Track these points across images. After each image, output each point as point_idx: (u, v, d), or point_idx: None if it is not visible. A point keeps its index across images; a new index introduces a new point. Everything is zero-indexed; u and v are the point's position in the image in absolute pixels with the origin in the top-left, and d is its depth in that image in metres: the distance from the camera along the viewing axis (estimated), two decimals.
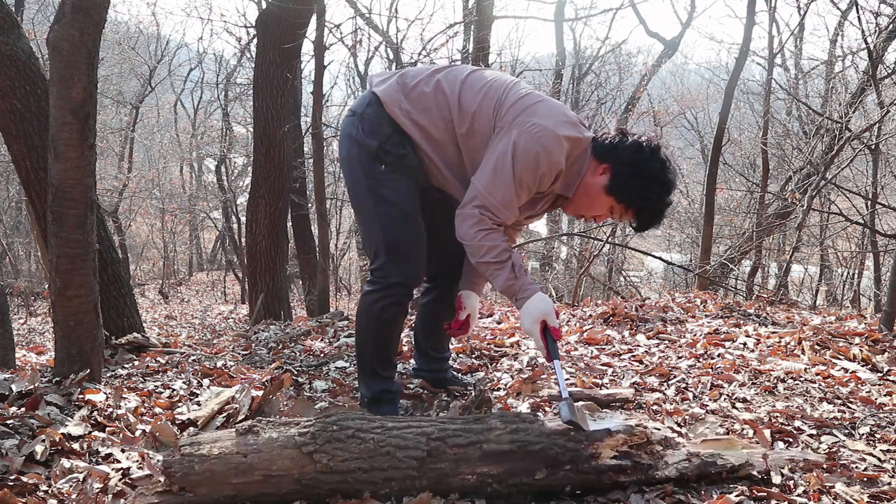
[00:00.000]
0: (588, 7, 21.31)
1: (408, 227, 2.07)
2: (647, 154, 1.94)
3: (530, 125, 1.88)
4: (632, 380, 2.57)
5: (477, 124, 1.97)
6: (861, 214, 7.61)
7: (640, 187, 1.94)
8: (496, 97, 1.97)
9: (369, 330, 2.15)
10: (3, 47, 3.47)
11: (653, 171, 1.94)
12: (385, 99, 2.03)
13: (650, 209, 1.99)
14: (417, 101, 2.01)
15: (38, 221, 3.87)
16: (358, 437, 1.57)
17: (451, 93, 2.00)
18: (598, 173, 1.97)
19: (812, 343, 2.93)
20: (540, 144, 1.87)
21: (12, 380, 2.29)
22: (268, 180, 6.57)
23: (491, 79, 2.02)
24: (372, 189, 2.06)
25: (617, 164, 1.95)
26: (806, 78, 12.08)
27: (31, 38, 7.65)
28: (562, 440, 1.63)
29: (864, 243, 8.35)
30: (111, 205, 14.72)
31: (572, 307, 4.36)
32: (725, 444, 1.78)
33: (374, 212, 2.07)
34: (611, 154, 1.96)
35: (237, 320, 10.06)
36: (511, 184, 1.90)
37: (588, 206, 2.03)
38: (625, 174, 1.94)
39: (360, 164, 2.07)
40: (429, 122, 2.01)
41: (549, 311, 1.91)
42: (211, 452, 1.53)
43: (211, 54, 18.03)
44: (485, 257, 1.95)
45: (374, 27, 9.26)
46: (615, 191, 1.96)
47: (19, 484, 1.60)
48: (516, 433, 1.62)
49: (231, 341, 4.30)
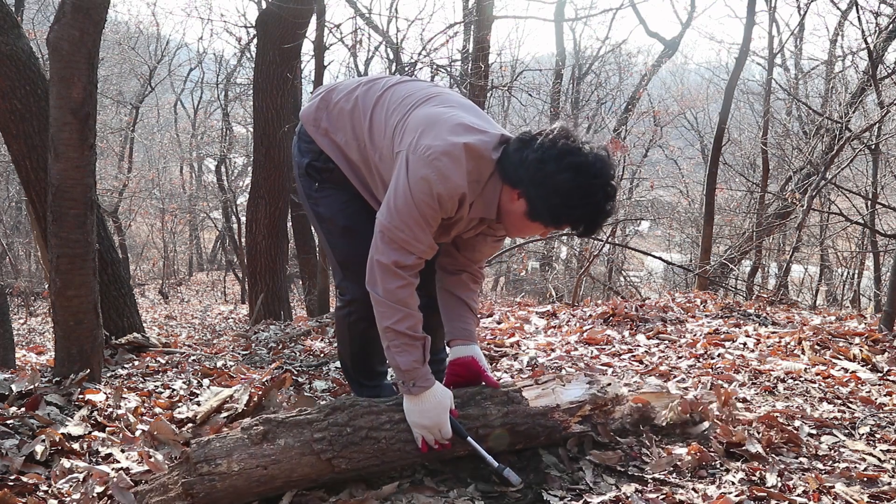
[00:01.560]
0: (588, 7, 21.33)
1: (351, 241, 1.94)
2: (552, 167, 1.64)
3: (422, 148, 1.66)
4: (632, 380, 2.57)
5: (384, 150, 1.80)
6: (861, 214, 7.61)
7: (559, 207, 1.68)
8: (400, 117, 1.78)
9: (344, 343, 2.12)
10: (3, 47, 3.47)
11: (565, 183, 1.64)
12: (303, 118, 1.96)
13: (581, 219, 1.71)
14: (337, 118, 1.90)
15: (38, 221, 3.87)
16: (371, 437, 1.66)
17: (364, 112, 1.85)
18: (514, 199, 1.73)
19: (812, 343, 2.93)
20: (432, 167, 1.64)
21: (12, 380, 2.29)
22: (268, 180, 6.58)
23: (405, 95, 1.84)
24: (312, 208, 2.00)
25: (527, 189, 1.69)
26: (806, 78, 12.08)
27: (31, 38, 7.65)
28: (542, 420, 1.84)
29: (864, 243, 8.35)
30: (111, 205, 14.72)
31: (572, 307, 4.36)
32: (657, 396, 2.04)
33: (320, 230, 2.02)
34: (516, 177, 1.70)
35: (237, 320, 10.06)
36: (415, 215, 1.67)
37: (519, 229, 1.83)
38: (539, 198, 1.68)
39: (300, 183, 2.02)
40: (344, 141, 1.89)
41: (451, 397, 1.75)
42: (231, 469, 1.53)
43: (211, 54, 18.05)
44: (400, 325, 1.70)
45: (374, 27, 9.26)
46: (537, 217, 1.73)
47: (19, 484, 1.60)
48: (506, 416, 1.81)
49: (231, 341, 4.30)
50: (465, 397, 1.83)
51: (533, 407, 1.85)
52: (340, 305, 2.06)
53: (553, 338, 3.36)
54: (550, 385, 1.95)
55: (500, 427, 1.79)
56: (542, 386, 1.94)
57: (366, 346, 2.08)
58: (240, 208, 14.41)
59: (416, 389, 1.70)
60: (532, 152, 1.67)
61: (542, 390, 1.92)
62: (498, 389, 1.88)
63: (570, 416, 1.87)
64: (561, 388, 1.94)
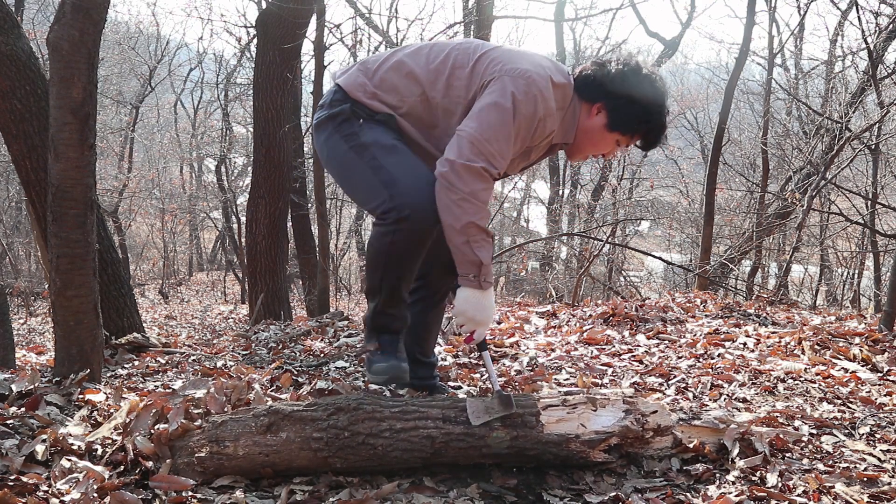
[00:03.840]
0: (588, 7, 21.29)
1: (400, 157, 1.92)
2: (634, 79, 1.92)
3: (520, 71, 1.84)
4: (632, 380, 2.57)
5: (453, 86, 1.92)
6: (861, 214, 7.62)
7: (639, 114, 1.94)
8: (470, 56, 1.93)
9: (378, 260, 1.94)
10: (3, 47, 3.47)
11: (645, 93, 1.92)
12: (347, 87, 1.98)
13: (654, 129, 1.99)
14: (382, 82, 1.97)
15: (38, 221, 3.87)
16: (368, 443, 1.68)
17: (415, 65, 1.96)
18: (594, 114, 1.96)
19: (812, 343, 2.93)
20: (537, 88, 1.84)
21: (12, 380, 2.29)
22: (268, 180, 6.58)
23: (455, 43, 2.00)
24: (353, 146, 1.94)
25: (609, 100, 1.93)
26: (806, 78, 12.09)
27: (31, 38, 7.65)
28: (555, 449, 1.72)
29: (864, 243, 8.35)
30: (111, 205, 14.73)
31: (572, 307, 4.36)
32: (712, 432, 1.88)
33: (361, 163, 1.93)
34: (600, 92, 1.94)
35: (237, 320, 10.06)
36: (509, 132, 1.83)
37: (593, 146, 2.03)
38: (621, 107, 1.92)
39: (337, 134, 1.98)
40: (398, 99, 1.96)
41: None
42: (236, 452, 1.68)
43: (211, 54, 18.08)
44: (483, 222, 1.82)
45: (374, 27, 9.27)
46: (617, 126, 1.95)
47: (19, 484, 1.60)
48: (516, 440, 1.72)
49: (231, 341, 4.30)
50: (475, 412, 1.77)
51: (547, 434, 1.71)
52: (384, 230, 1.89)
53: (553, 338, 3.36)
54: (579, 408, 1.77)
55: (507, 452, 1.72)
56: (568, 407, 1.77)
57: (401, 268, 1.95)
58: (240, 208, 14.42)
59: (485, 284, 1.86)
60: (613, 68, 1.93)
61: (567, 413, 1.76)
62: (513, 410, 1.75)
63: (591, 448, 1.72)
64: (591, 412, 1.76)
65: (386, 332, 2.02)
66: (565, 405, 1.77)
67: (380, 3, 21.16)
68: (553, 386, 2.45)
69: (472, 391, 2.40)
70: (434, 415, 1.73)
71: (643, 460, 1.81)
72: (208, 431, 1.70)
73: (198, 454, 1.67)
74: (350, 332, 3.68)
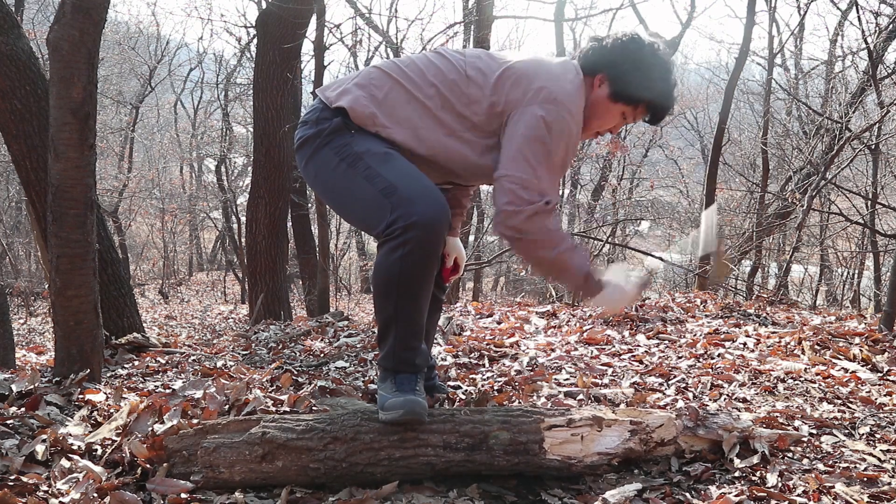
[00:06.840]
0: (588, 7, 21.28)
1: (395, 164, 1.79)
2: (633, 46, 1.86)
3: (544, 94, 1.78)
4: (632, 380, 2.57)
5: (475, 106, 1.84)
6: (861, 214, 7.61)
7: (642, 81, 1.85)
8: (487, 77, 1.84)
9: (390, 285, 1.73)
10: (3, 47, 3.47)
11: (647, 58, 1.85)
12: (355, 115, 1.83)
13: (659, 97, 1.89)
14: (392, 110, 1.84)
15: (38, 221, 3.87)
16: (367, 472, 1.67)
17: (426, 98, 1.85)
18: (596, 86, 1.89)
19: (812, 343, 2.93)
20: (565, 110, 1.78)
21: (12, 380, 2.29)
22: (268, 180, 6.58)
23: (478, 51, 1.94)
24: (345, 157, 1.81)
25: (611, 69, 1.86)
26: (806, 78, 12.09)
27: (31, 38, 7.65)
28: (555, 472, 1.73)
29: (864, 243, 8.35)
30: (111, 205, 14.73)
31: (572, 307, 4.36)
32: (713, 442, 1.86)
33: (355, 175, 1.78)
34: (600, 62, 1.87)
35: (237, 320, 10.06)
36: (552, 161, 1.78)
37: (598, 121, 1.93)
38: (623, 74, 1.85)
39: (326, 147, 1.84)
40: (409, 134, 1.85)
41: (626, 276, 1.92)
42: (232, 478, 1.66)
43: (211, 54, 18.08)
44: (562, 245, 1.81)
45: (374, 27, 9.28)
46: (621, 95, 1.87)
47: (19, 484, 1.60)
48: (517, 466, 1.72)
49: (231, 341, 4.30)
50: (476, 438, 1.70)
51: (549, 459, 1.71)
52: (393, 244, 1.70)
53: (553, 338, 3.36)
54: (583, 430, 1.73)
55: (508, 472, 1.73)
56: (573, 429, 1.73)
57: (417, 288, 1.76)
58: (240, 208, 14.41)
59: (596, 287, 1.86)
60: (611, 39, 1.88)
61: (570, 434, 1.72)
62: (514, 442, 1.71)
63: (594, 471, 1.74)
64: (596, 434, 1.74)
65: (405, 372, 1.79)
66: (569, 426, 1.73)
67: (380, 3, 21.17)
68: (553, 386, 2.44)
69: (471, 391, 2.40)
70: (434, 441, 1.69)
71: (642, 462, 1.82)
72: (202, 458, 1.65)
73: (193, 477, 1.64)
74: (350, 332, 3.68)
